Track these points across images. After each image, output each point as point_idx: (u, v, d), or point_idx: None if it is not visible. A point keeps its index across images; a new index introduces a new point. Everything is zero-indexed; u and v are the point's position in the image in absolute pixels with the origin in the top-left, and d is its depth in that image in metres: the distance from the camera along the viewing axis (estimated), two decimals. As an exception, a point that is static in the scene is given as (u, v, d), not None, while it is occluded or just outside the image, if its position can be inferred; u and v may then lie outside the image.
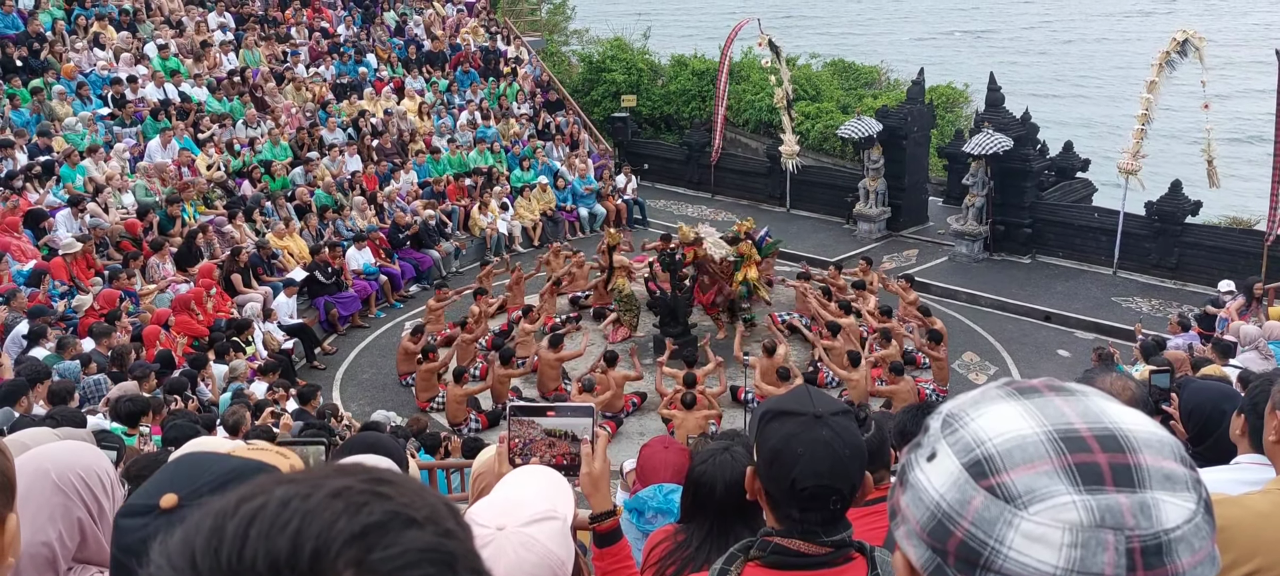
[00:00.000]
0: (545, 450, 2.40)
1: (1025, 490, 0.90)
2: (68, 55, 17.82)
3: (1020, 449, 0.92)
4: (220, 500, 0.78)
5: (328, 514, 0.75)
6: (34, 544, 1.95)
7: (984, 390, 1.03)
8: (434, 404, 12.85)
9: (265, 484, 0.79)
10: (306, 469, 0.84)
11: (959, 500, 0.93)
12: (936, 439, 1.00)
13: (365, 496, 0.78)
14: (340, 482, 0.79)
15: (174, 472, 1.64)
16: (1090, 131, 31.33)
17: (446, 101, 21.73)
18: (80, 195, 14.23)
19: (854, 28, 59.88)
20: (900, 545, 1.01)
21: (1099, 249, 17.48)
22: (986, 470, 0.93)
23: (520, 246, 18.86)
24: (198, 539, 0.75)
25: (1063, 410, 0.96)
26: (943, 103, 24.19)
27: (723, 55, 21.99)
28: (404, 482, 0.82)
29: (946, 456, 0.97)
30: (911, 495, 1.00)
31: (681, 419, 11.16)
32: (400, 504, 0.78)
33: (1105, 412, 0.95)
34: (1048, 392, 0.99)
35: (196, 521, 0.77)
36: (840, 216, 20.18)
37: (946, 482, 0.95)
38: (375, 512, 0.76)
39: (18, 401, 8.55)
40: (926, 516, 0.96)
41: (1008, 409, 0.97)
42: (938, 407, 1.06)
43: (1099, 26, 59.76)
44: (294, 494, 0.77)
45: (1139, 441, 0.92)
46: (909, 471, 1.02)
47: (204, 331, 12.87)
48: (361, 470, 0.82)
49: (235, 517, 0.75)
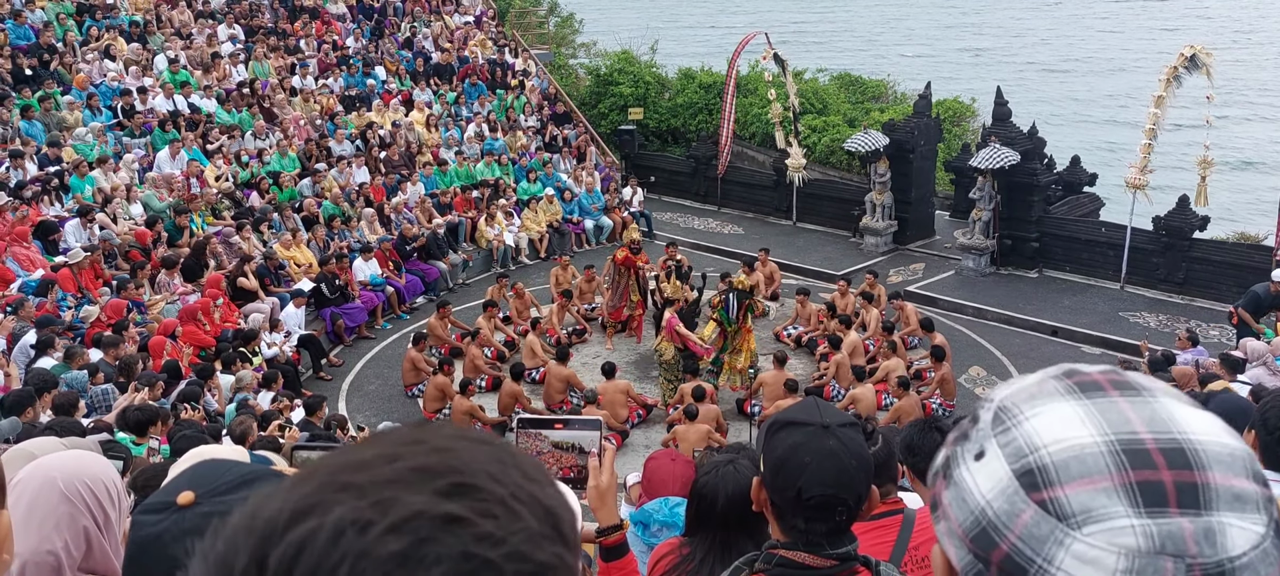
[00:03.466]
0: (553, 463, 2.39)
1: (1080, 509, 0.83)
2: (78, 66, 17.95)
3: (1078, 461, 0.85)
4: (273, 502, 0.70)
5: (384, 560, 0.64)
6: (40, 552, 1.95)
7: (1041, 381, 0.95)
8: (440, 415, 12.85)
9: (325, 491, 0.69)
10: (377, 454, 0.72)
11: (1007, 511, 0.87)
12: (986, 435, 0.93)
13: (435, 527, 0.66)
14: (408, 505, 0.67)
15: (192, 474, 1.65)
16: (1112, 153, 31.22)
17: (454, 114, 21.81)
18: (89, 206, 14.30)
19: (862, 43, 59.96)
20: (940, 541, 0.95)
21: (1106, 264, 17.43)
22: (1039, 482, 0.86)
23: (526, 258, 18.89)
24: (239, 560, 0.68)
25: (1127, 415, 0.88)
26: (949, 117, 24.20)
27: (729, 69, 22.04)
28: (490, 489, 0.70)
29: (996, 458, 0.90)
30: (955, 493, 0.93)
31: (684, 432, 11.13)
32: (479, 534, 0.67)
33: (1174, 419, 0.88)
34: (1112, 391, 0.91)
35: (243, 531, 0.69)
36: (847, 230, 20.16)
37: (995, 489, 0.89)
38: (443, 558, 0.65)
39: (24, 411, 8.58)
40: (970, 521, 0.90)
41: (1067, 409, 0.90)
42: (988, 396, 0.97)
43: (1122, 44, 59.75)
44: (350, 521, 0.66)
45: (1209, 456, 0.85)
46: (954, 466, 0.94)
47: (211, 342, 12.89)
48: (440, 471, 0.70)
49: (281, 545, 0.66)
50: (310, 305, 15.12)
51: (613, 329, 15.34)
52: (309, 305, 15.03)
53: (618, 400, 12.33)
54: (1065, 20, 69.33)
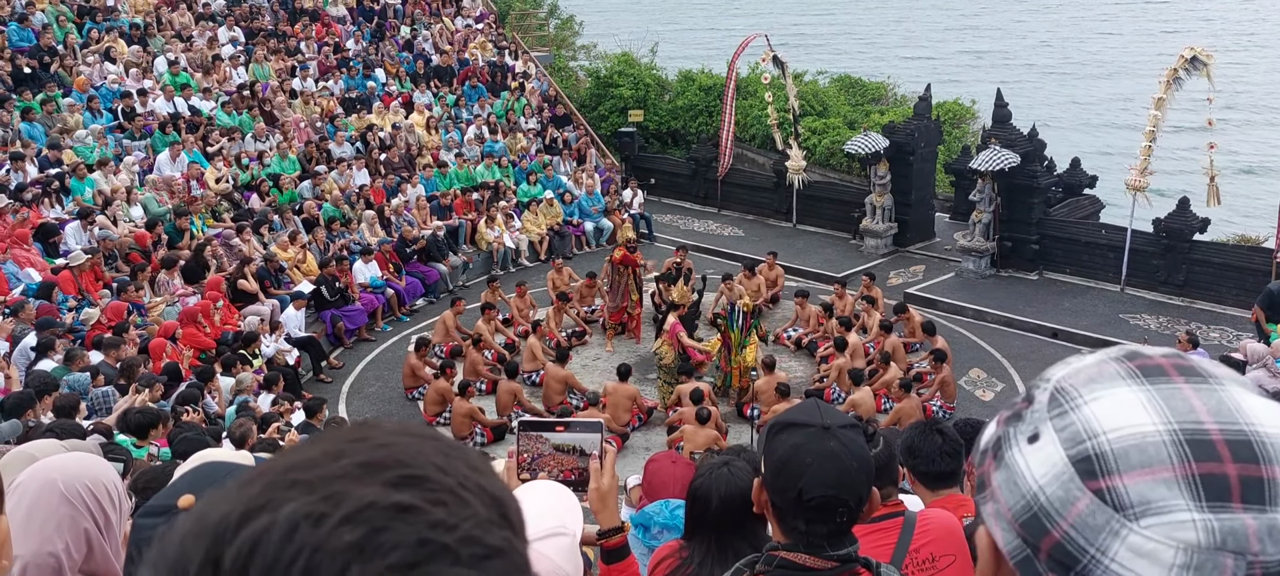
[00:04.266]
0: (554, 465, 2.39)
1: (1139, 499, 0.80)
2: (79, 68, 17.95)
3: (1139, 449, 0.82)
4: (222, 504, 0.69)
5: (341, 551, 0.65)
6: (41, 554, 1.95)
7: (1101, 362, 0.91)
8: (441, 419, 12.85)
9: (274, 489, 0.69)
10: (322, 453, 0.72)
11: (1061, 498, 0.84)
12: (1042, 417, 0.89)
13: (388, 516, 0.67)
14: (359, 498, 0.67)
15: (194, 478, 1.66)
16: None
17: (454, 116, 21.82)
18: (89, 208, 14.30)
19: (862, 45, 60.00)
20: (986, 522, 0.92)
21: (1107, 266, 17.43)
22: (1098, 469, 0.82)
23: (526, 260, 18.90)
24: (192, 564, 0.66)
25: (1192, 403, 0.84)
26: (950, 119, 24.20)
27: (729, 71, 22.06)
28: (438, 480, 0.71)
29: (1051, 442, 0.86)
30: (1005, 476, 0.89)
31: (691, 433, 11.12)
32: (432, 521, 0.68)
33: (1241, 409, 0.84)
34: (1176, 377, 0.87)
35: (192, 535, 0.68)
36: (847, 232, 20.16)
37: (1049, 474, 0.85)
38: (399, 545, 0.65)
39: (25, 413, 8.58)
40: (1021, 505, 0.87)
41: (1128, 395, 0.86)
42: (1044, 374, 0.94)
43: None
44: (303, 515, 0.66)
45: (1277, 450, 0.81)
46: (1006, 448, 0.91)
47: (211, 344, 12.89)
48: (387, 464, 0.71)
49: (234, 543, 0.66)
50: (310, 307, 15.12)
51: (613, 331, 15.35)
52: (309, 307, 15.03)
53: (621, 403, 12.32)
54: (1065, 23, 69.39)
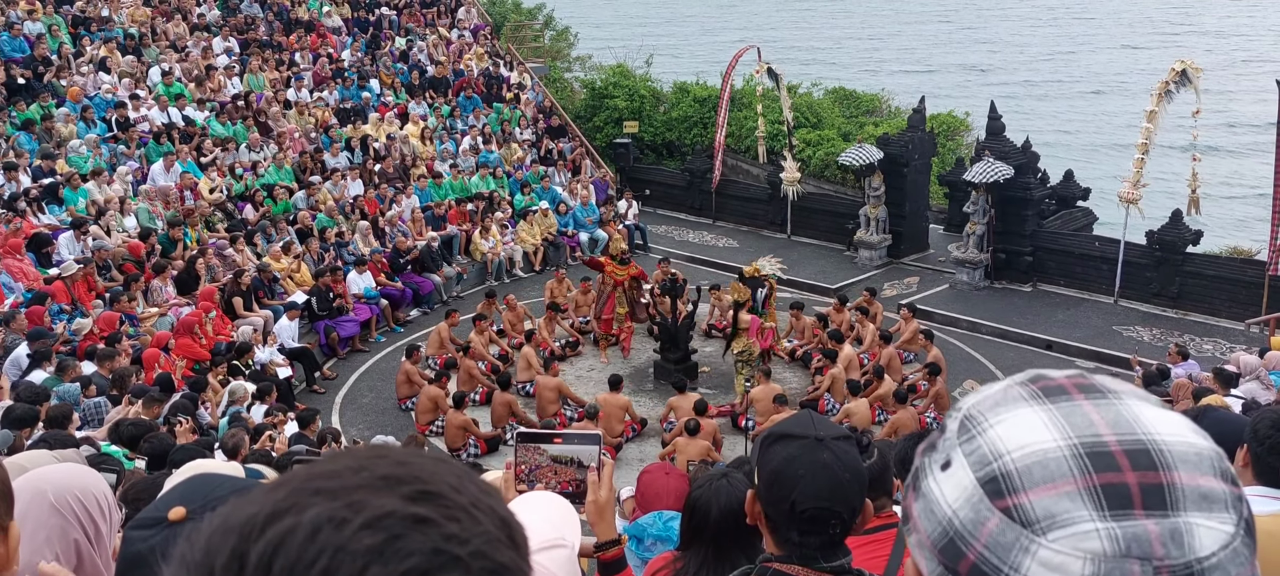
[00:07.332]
0: (551, 477, 2.39)
1: (1044, 514, 0.82)
2: (73, 78, 17.93)
3: (1041, 466, 0.84)
4: (248, 506, 0.73)
5: (360, 554, 0.69)
6: (30, 565, 1.94)
7: (1006, 388, 0.94)
8: (434, 428, 12.82)
9: (298, 495, 0.73)
10: (345, 466, 0.76)
11: (973, 520, 0.86)
12: (952, 444, 0.92)
13: (406, 525, 0.71)
14: (379, 506, 0.72)
15: (185, 490, 1.65)
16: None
17: (449, 126, 21.83)
18: (83, 218, 14.26)
19: (856, 58, 60.19)
20: (912, 553, 0.95)
21: (1100, 277, 17.47)
22: (1004, 488, 0.85)
23: (521, 271, 18.89)
24: (218, 559, 0.71)
25: (1091, 417, 0.87)
26: (944, 131, 24.28)
27: (724, 82, 22.13)
28: (452, 498, 0.75)
29: (961, 467, 0.89)
30: (923, 505, 0.93)
31: (684, 445, 11.11)
32: (446, 533, 0.72)
33: (1138, 421, 0.87)
34: (1076, 395, 0.90)
35: (219, 532, 0.72)
36: (841, 243, 20.19)
37: (960, 498, 0.88)
38: (415, 552, 0.70)
39: (25, 429, 8.48)
40: (938, 532, 0.89)
41: (1030, 415, 0.89)
42: (957, 404, 0.97)
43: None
44: (326, 518, 0.70)
45: (1174, 456, 0.84)
46: (922, 477, 0.94)
47: (205, 354, 12.85)
48: (405, 480, 0.75)
49: (260, 542, 0.70)
50: (304, 318, 15.09)
51: (604, 342, 15.34)
52: (303, 318, 15.00)
53: (615, 415, 12.31)
54: (1058, 38, 69.69)
